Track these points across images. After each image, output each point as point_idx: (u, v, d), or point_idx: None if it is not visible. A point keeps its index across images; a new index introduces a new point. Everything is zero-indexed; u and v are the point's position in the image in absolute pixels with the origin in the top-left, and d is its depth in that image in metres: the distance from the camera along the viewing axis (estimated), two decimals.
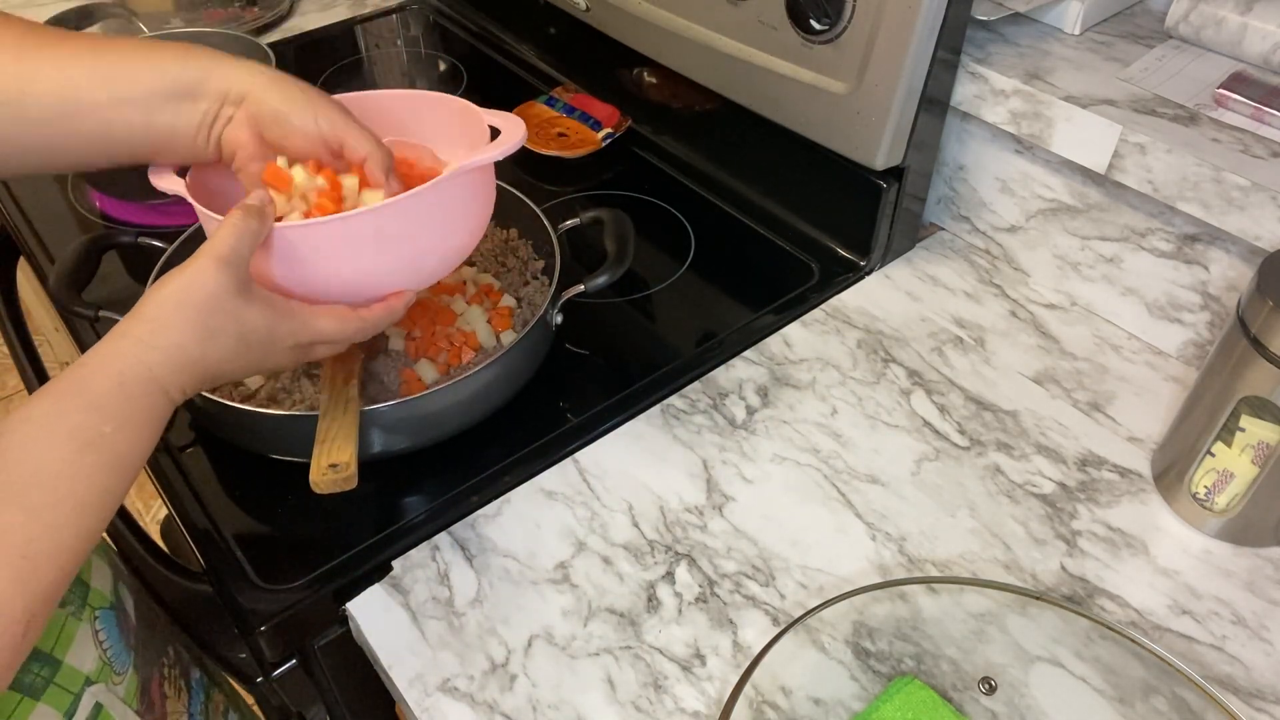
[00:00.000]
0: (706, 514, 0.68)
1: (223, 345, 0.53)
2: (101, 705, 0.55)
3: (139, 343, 0.50)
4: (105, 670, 0.56)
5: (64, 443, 0.45)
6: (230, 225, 0.54)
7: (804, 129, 0.82)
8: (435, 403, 0.67)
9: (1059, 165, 0.80)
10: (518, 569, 0.64)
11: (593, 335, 0.81)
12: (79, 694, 0.53)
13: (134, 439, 0.49)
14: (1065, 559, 0.64)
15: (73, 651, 0.54)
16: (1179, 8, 0.79)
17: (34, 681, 0.51)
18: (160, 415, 0.51)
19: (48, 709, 0.51)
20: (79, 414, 0.47)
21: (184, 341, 0.51)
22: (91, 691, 0.54)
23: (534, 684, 0.58)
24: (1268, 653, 0.59)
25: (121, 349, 0.50)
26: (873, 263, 0.87)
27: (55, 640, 0.53)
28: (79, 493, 0.45)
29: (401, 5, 1.31)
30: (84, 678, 0.54)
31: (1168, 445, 0.69)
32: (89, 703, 0.54)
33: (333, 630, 0.64)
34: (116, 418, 0.48)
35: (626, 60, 1.00)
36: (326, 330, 0.58)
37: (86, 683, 0.54)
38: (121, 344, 0.50)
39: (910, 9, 0.70)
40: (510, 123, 0.64)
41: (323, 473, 0.60)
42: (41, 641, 0.52)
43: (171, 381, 0.51)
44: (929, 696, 0.55)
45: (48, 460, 0.45)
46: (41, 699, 0.51)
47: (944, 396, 0.76)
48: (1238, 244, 0.72)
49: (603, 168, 1.01)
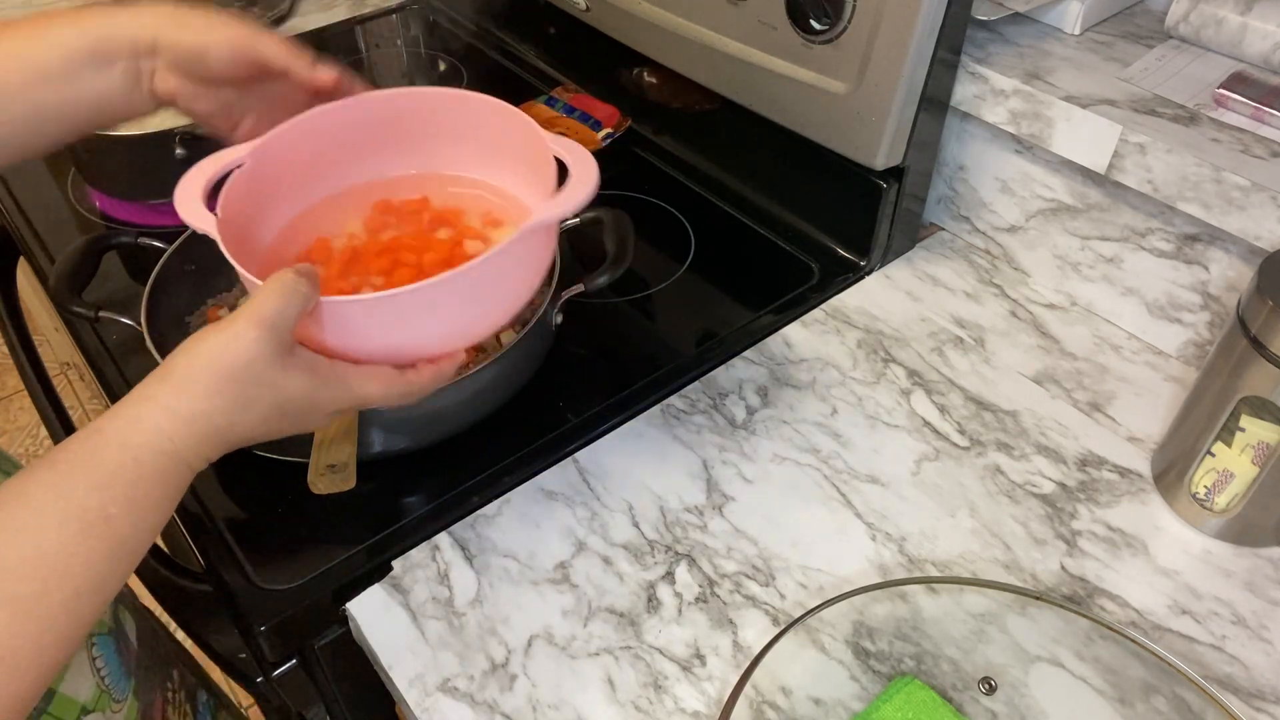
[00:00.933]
0: (706, 514, 0.68)
1: (256, 414, 0.48)
2: None
3: (164, 410, 0.46)
4: (103, 699, 0.55)
5: (62, 525, 0.41)
6: (278, 287, 0.48)
7: (804, 129, 0.82)
8: (435, 403, 0.67)
9: (1059, 165, 0.80)
10: (518, 569, 0.64)
11: (593, 335, 0.81)
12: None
13: (142, 520, 0.45)
14: (1065, 559, 0.64)
15: (68, 681, 0.52)
16: (1179, 8, 0.79)
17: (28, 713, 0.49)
18: (176, 487, 0.47)
19: None
20: (84, 493, 0.42)
21: (213, 411, 0.46)
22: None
23: (534, 684, 0.59)
24: (1268, 653, 0.59)
25: (142, 415, 0.45)
26: (873, 263, 0.87)
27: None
28: (75, 580, 0.41)
29: (401, 5, 1.31)
30: (80, 707, 0.53)
31: (1168, 445, 0.69)
32: None
33: (333, 630, 0.64)
34: (125, 498, 0.43)
35: (626, 60, 1.00)
36: (371, 395, 0.53)
37: (83, 712, 0.53)
38: (143, 409, 0.45)
39: (910, 9, 0.70)
40: (579, 160, 0.57)
41: (321, 473, 0.60)
42: None
43: (194, 452, 0.47)
44: (929, 696, 0.55)
45: (43, 544, 0.41)
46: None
47: (944, 396, 0.76)
48: (1238, 244, 0.72)
49: (603, 168, 1.01)
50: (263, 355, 0.47)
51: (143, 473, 0.44)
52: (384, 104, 0.63)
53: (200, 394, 0.46)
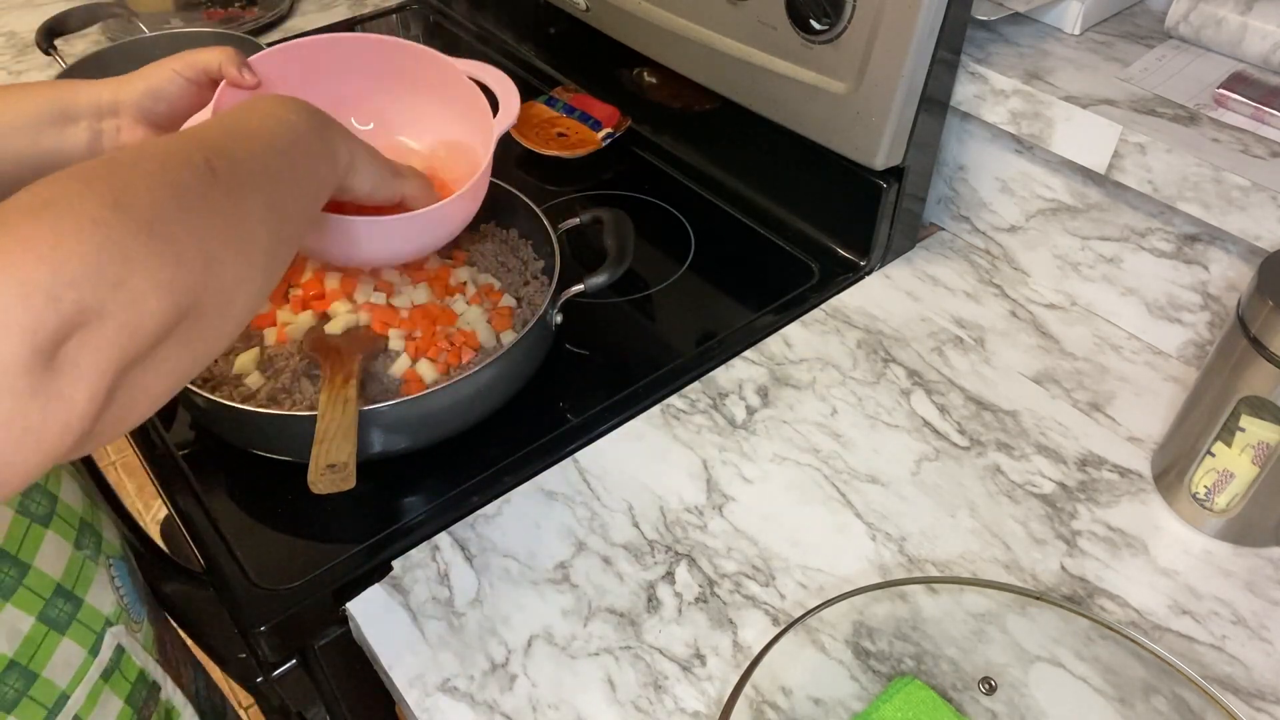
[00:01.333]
0: (706, 514, 0.68)
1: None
2: (124, 649, 0.57)
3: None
4: (124, 615, 0.58)
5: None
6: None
7: (804, 129, 0.82)
8: (435, 403, 0.67)
9: (1059, 165, 0.80)
10: (518, 569, 0.64)
11: (593, 335, 0.81)
12: (101, 634, 0.55)
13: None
14: (1065, 559, 0.64)
15: (92, 592, 0.55)
16: (1179, 8, 0.79)
17: (58, 616, 0.52)
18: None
19: (72, 644, 0.52)
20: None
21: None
22: (113, 633, 0.56)
23: (534, 684, 0.58)
24: (1268, 653, 0.59)
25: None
26: (873, 263, 0.87)
27: (76, 579, 0.54)
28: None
29: (401, 5, 1.31)
30: (104, 619, 0.55)
31: (1168, 445, 0.69)
32: (111, 643, 0.55)
33: (333, 630, 0.64)
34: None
35: (626, 60, 1.00)
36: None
37: (107, 624, 0.55)
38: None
39: (910, 9, 0.70)
40: (496, 80, 0.70)
41: (320, 473, 0.60)
42: (63, 579, 0.53)
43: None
44: (929, 696, 0.55)
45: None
46: (66, 634, 0.52)
47: (944, 396, 0.76)
48: (1238, 244, 0.72)
49: (603, 168, 1.01)
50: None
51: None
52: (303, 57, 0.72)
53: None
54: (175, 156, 0.41)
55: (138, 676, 0.58)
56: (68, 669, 0.52)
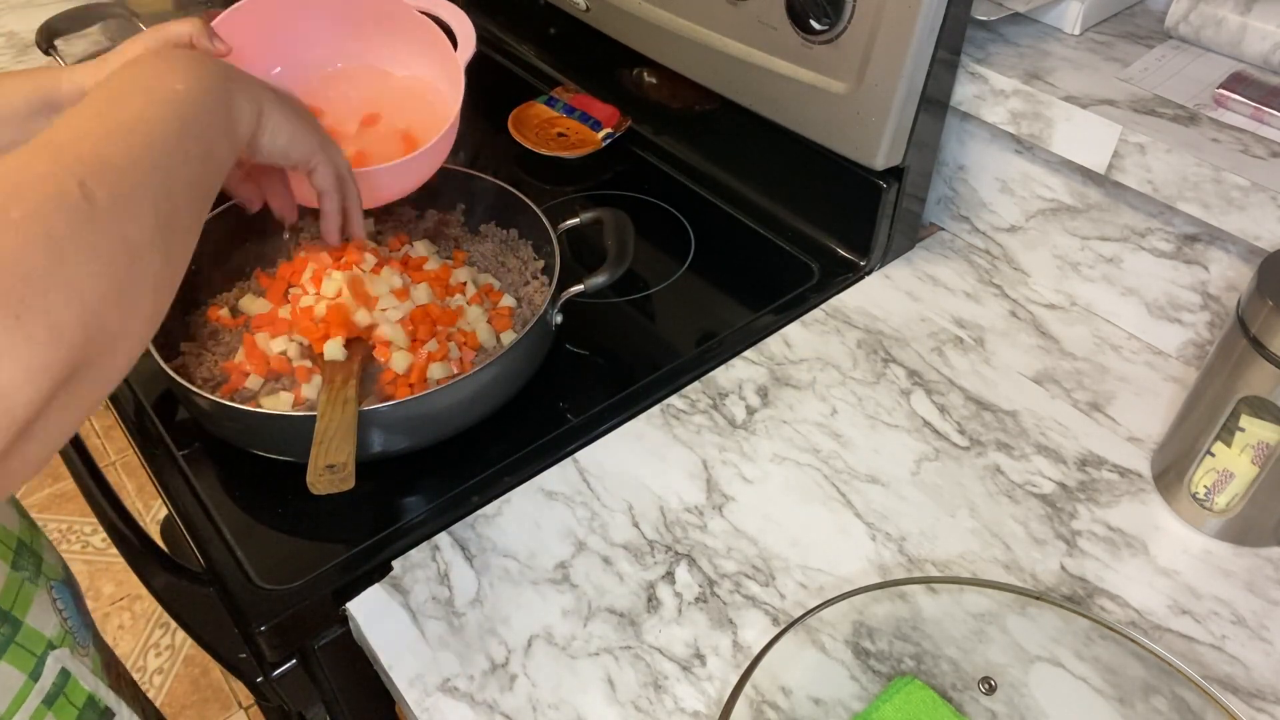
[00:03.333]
0: (706, 514, 0.68)
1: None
2: (69, 672, 0.55)
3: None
4: (68, 639, 0.56)
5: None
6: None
7: (804, 129, 0.82)
8: (435, 403, 0.67)
9: (1059, 165, 0.80)
10: (518, 569, 0.64)
11: (593, 335, 0.81)
12: (42, 657, 0.53)
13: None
14: (1065, 559, 0.64)
15: (33, 614, 0.54)
16: (1179, 8, 0.79)
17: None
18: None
19: (9, 668, 0.51)
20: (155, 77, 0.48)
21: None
22: (56, 656, 0.54)
23: (534, 684, 0.58)
24: (1268, 653, 0.59)
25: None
26: (873, 263, 0.87)
27: (14, 600, 0.52)
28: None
29: None
30: (46, 641, 0.54)
31: (1168, 445, 0.69)
32: (54, 667, 0.54)
33: (333, 630, 0.64)
34: (188, 75, 0.48)
35: (626, 60, 1.00)
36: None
37: (50, 646, 0.54)
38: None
39: (910, 9, 0.70)
40: (451, 13, 0.75)
41: (320, 473, 0.60)
42: (1, 599, 0.51)
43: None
44: (929, 696, 0.55)
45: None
46: (3, 657, 0.50)
47: (944, 396, 0.76)
48: (1238, 244, 0.72)
49: (603, 168, 1.01)
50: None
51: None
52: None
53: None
54: (45, 190, 0.37)
55: (86, 702, 0.56)
56: (6, 693, 0.50)
